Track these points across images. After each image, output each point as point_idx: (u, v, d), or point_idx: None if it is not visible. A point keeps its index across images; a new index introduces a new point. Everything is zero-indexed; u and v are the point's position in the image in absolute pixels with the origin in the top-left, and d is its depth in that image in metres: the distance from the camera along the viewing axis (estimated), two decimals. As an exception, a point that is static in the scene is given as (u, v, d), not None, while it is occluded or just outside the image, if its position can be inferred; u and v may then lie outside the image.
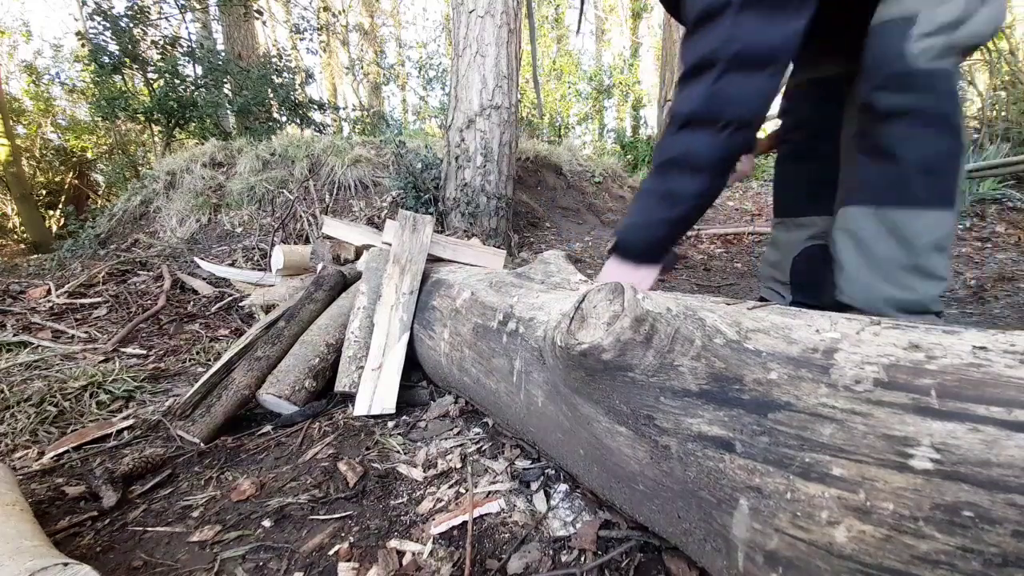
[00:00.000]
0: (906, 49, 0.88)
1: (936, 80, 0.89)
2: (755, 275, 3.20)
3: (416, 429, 1.12)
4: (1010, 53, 5.35)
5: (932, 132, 0.91)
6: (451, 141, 2.96)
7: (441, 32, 14.30)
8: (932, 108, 0.90)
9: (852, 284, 1.00)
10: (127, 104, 5.07)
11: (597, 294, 0.57)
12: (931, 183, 0.92)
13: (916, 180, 0.92)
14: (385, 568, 0.70)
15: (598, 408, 0.60)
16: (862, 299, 1.00)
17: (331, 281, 1.50)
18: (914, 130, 0.92)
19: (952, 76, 0.90)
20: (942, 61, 0.88)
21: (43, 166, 9.11)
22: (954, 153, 0.92)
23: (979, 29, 0.87)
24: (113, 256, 3.04)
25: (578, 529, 0.74)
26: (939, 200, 0.92)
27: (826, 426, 0.41)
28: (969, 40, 0.88)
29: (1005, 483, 0.32)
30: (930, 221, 0.93)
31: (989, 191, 4.07)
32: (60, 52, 12.08)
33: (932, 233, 0.93)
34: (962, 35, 0.87)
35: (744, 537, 0.45)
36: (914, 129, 0.92)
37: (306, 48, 7.94)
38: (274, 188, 3.38)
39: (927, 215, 0.92)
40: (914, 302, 0.96)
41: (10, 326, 1.85)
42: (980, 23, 0.87)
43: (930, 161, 0.92)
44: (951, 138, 0.91)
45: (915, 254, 0.94)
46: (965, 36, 0.87)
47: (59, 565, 0.54)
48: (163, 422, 1.20)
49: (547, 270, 1.02)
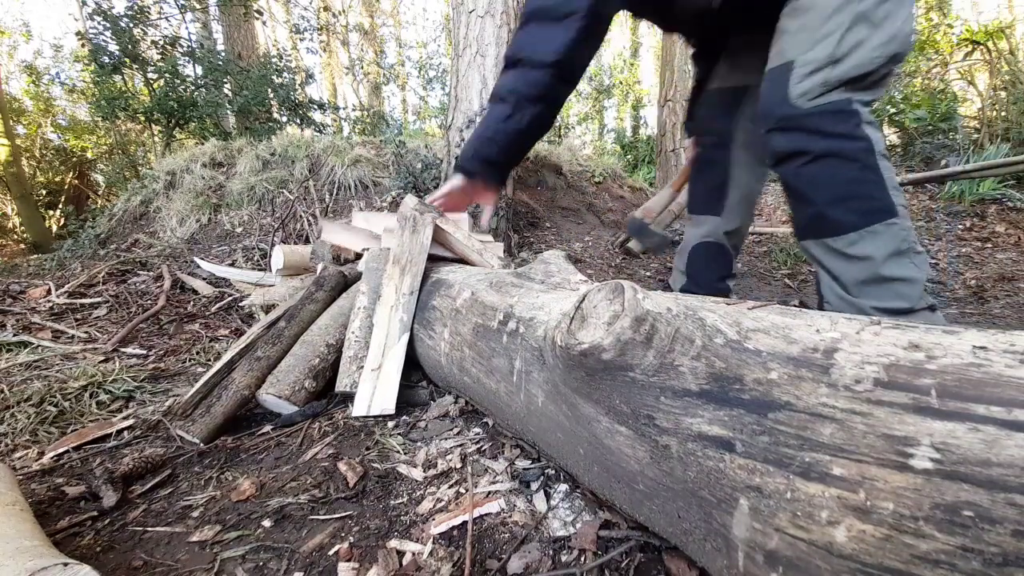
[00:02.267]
0: (788, 93, 0.96)
1: (822, 117, 0.95)
2: (755, 275, 3.20)
3: (416, 429, 1.12)
4: (1010, 53, 5.35)
5: (829, 167, 0.97)
6: (451, 141, 2.96)
7: (441, 32, 14.31)
8: (822, 146, 0.96)
9: (835, 298, 1.05)
10: (127, 104, 5.08)
11: (597, 294, 0.57)
12: (852, 207, 0.96)
13: (833, 211, 0.97)
14: (385, 568, 0.70)
15: (598, 408, 0.60)
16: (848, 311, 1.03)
17: (332, 281, 1.50)
18: (811, 169, 0.98)
19: (839, 110, 0.95)
20: (825, 98, 0.94)
21: (43, 166, 9.12)
22: (863, 176, 0.96)
23: (864, 59, 0.91)
24: (113, 256, 3.04)
25: (578, 529, 0.74)
26: (870, 218, 0.96)
27: (826, 426, 0.41)
28: (852, 72, 0.92)
29: (1005, 483, 0.32)
30: (872, 237, 0.96)
31: (989, 191, 4.07)
32: (60, 52, 12.09)
33: (879, 246, 0.96)
34: (842, 69, 0.92)
35: (744, 537, 0.45)
36: (811, 168, 0.98)
37: (306, 48, 7.96)
38: (274, 188, 3.38)
39: (863, 234, 0.96)
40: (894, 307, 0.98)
41: (10, 326, 1.85)
42: (863, 53, 0.91)
43: (838, 192, 0.97)
44: (852, 166, 0.95)
45: (874, 268, 0.97)
46: (847, 69, 0.92)
47: (59, 565, 0.54)
48: (163, 422, 1.19)
49: (547, 270, 1.02)
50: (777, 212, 5.00)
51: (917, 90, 5.79)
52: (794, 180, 1.03)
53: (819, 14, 0.93)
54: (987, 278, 2.75)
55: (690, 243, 1.51)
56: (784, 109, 0.98)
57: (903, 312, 0.98)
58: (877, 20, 0.91)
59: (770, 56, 1.02)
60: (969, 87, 5.77)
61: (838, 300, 1.05)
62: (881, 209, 0.96)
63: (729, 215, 1.43)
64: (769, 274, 3.27)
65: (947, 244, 3.58)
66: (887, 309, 0.98)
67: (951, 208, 4.13)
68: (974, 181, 4.11)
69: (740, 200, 1.41)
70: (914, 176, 4.19)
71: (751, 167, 1.38)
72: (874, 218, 0.96)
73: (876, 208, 0.96)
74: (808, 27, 0.95)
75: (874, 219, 0.96)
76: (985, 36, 5.37)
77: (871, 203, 0.96)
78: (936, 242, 3.63)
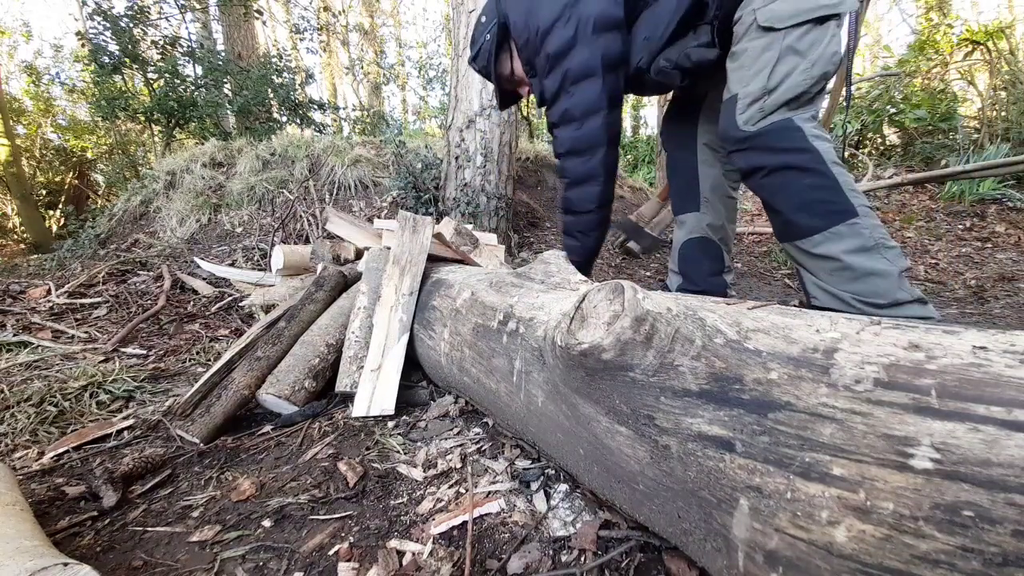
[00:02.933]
0: (736, 120, 1.12)
1: (769, 136, 1.09)
2: (755, 275, 3.20)
3: (416, 429, 1.12)
4: (1010, 53, 5.35)
5: (785, 178, 1.09)
6: (451, 141, 2.96)
7: (441, 32, 14.30)
8: (775, 160, 1.09)
9: (820, 293, 1.14)
10: (127, 104, 5.07)
11: (597, 294, 0.57)
12: (812, 212, 1.07)
13: (798, 216, 1.09)
14: (385, 568, 0.70)
15: (598, 408, 0.60)
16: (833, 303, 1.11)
17: (332, 281, 1.50)
18: (770, 180, 1.11)
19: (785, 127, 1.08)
20: (766, 120, 1.09)
21: (43, 166, 9.11)
22: (818, 183, 1.06)
23: (794, 82, 1.06)
24: (113, 256, 3.04)
25: (578, 529, 0.74)
26: (830, 219, 1.05)
27: (826, 426, 0.41)
28: (785, 96, 1.07)
29: (1005, 483, 0.32)
30: (836, 237, 1.05)
31: (989, 191, 4.08)
32: (60, 52, 12.08)
33: (843, 244, 1.05)
34: (776, 96, 1.07)
35: (744, 537, 0.45)
36: (770, 180, 1.11)
37: (306, 48, 7.94)
38: (274, 188, 3.37)
39: (827, 235, 1.06)
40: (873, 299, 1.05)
41: (10, 326, 1.85)
42: (793, 78, 1.06)
43: (799, 198, 1.08)
44: (805, 175, 1.06)
45: (843, 262, 1.05)
46: (779, 95, 1.07)
47: (59, 565, 0.54)
48: (163, 422, 1.19)
49: (547, 270, 1.02)
50: (777, 212, 4.99)
51: (917, 90, 5.78)
52: (759, 192, 1.16)
53: (751, 55, 1.10)
54: (987, 278, 2.75)
55: (679, 242, 1.61)
56: (736, 133, 1.13)
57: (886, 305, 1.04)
58: (803, 49, 1.05)
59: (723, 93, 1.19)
60: (969, 87, 5.76)
61: (822, 293, 1.12)
62: (841, 211, 1.05)
63: (707, 208, 1.53)
64: (769, 274, 3.27)
65: (947, 244, 3.58)
66: (868, 301, 1.05)
67: (951, 208, 4.13)
68: (974, 181, 4.11)
69: (711, 192, 1.53)
70: (914, 176, 4.18)
71: (715, 161, 1.51)
72: (835, 219, 1.05)
73: (835, 210, 1.05)
74: (744, 66, 1.11)
75: (835, 220, 1.05)
76: (985, 36, 5.36)
77: (830, 206, 1.06)
78: (936, 242, 3.62)
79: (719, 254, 1.56)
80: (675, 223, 1.65)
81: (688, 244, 1.57)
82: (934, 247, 3.53)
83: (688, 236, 1.57)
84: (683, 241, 1.58)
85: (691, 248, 1.56)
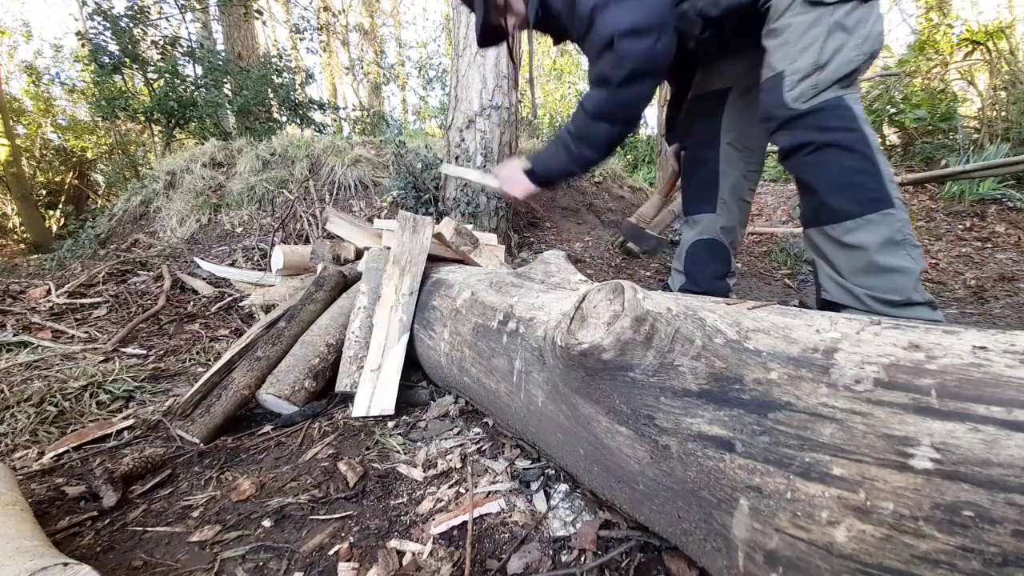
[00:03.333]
0: (784, 99, 1.08)
1: (817, 115, 1.05)
2: (755, 275, 3.20)
3: (416, 429, 1.12)
4: (1010, 53, 5.35)
5: (829, 155, 1.06)
6: (451, 141, 2.96)
7: (441, 32, 14.30)
8: (823, 138, 1.05)
9: (833, 285, 1.11)
10: (127, 104, 5.07)
11: (597, 294, 0.57)
12: (851, 195, 1.04)
13: (835, 198, 1.06)
14: (385, 568, 0.70)
15: (598, 408, 0.60)
16: (844, 297, 1.09)
17: (332, 281, 1.50)
18: (814, 158, 1.08)
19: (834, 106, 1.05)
20: (819, 98, 1.05)
21: (43, 166, 9.11)
22: (861, 166, 1.03)
23: (845, 59, 1.03)
24: (113, 256, 3.04)
25: (578, 529, 0.74)
26: (868, 207, 1.03)
27: (826, 426, 0.41)
28: (836, 73, 1.04)
29: (1005, 483, 0.32)
30: (868, 226, 1.03)
31: (989, 191, 4.07)
32: (60, 52, 12.08)
33: (874, 235, 1.02)
34: (828, 72, 1.04)
35: (744, 537, 0.45)
36: (813, 157, 1.08)
37: (306, 48, 7.94)
38: (274, 188, 3.37)
39: (861, 222, 1.03)
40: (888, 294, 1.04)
41: (10, 326, 1.85)
42: (844, 54, 1.03)
43: (840, 179, 1.05)
44: (851, 155, 1.04)
45: (868, 255, 1.03)
46: (831, 71, 1.04)
47: (59, 565, 0.54)
48: (163, 422, 1.19)
49: (547, 270, 1.02)
50: (777, 212, 5.00)
51: (917, 90, 5.78)
52: (799, 170, 1.12)
53: (796, 30, 1.06)
54: (987, 278, 2.75)
55: (687, 242, 1.56)
56: (784, 112, 1.09)
57: (898, 304, 1.02)
58: (850, 25, 1.02)
59: (763, 71, 1.14)
60: (969, 87, 5.76)
61: (835, 287, 1.10)
62: (878, 199, 1.02)
63: (723, 210, 1.49)
64: (769, 274, 3.27)
65: (947, 244, 3.58)
66: (882, 298, 1.03)
67: (951, 208, 4.13)
68: (974, 181, 4.11)
69: (731, 193, 1.48)
70: (914, 176, 4.18)
71: (737, 162, 1.47)
72: (871, 207, 1.02)
73: (873, 198, 1.03)
74: (789, 42, 1.07)
75: (871, 208, 1.02)
76: (985, 36, 5.36)
77: (868, 193, 1.03)
78: (936, 242, 3.62)
79: (727, 257, 1.53)
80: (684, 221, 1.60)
81: (698, 245, 1.53)
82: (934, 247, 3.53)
83: (699, 237, 1.52)
84: (693, 241, 1.54)
85: (700, 249, 1.53)
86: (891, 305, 1.02)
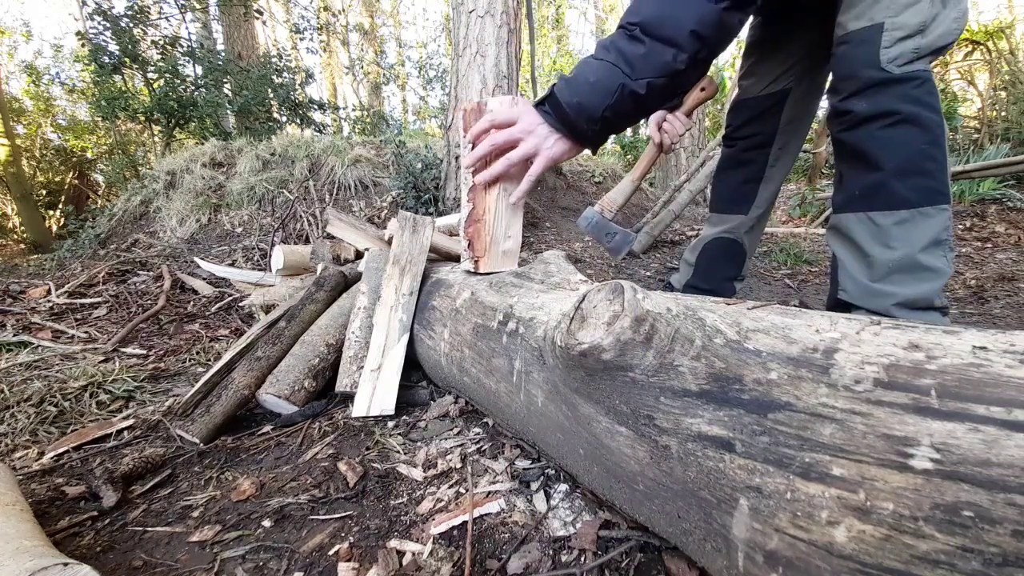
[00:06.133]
0: (879, 57, 0.93)
1: (908, 84, 0.93)
2: (755, 275, 3.20)
3: (416, 429, 1.12)
4: (1010, 53, 5.35)
5: (908, 133, 0.94)
6: (451, 141, 2.96)
7: (441, 32, 14.31)
8: (909, 110, 0.93)
9: (855, 284, 1.03)
10: (127, 104, 5.07)
11: (597, 294, 0.57)
12: (915, 183, 0.95)
13: (899, 182, 0.95)
14: (385, 568, 0.70)
15: (598, 408, 0.60)
16: (865, 299, 1.02)
17: (332, 281, 1.50)
18: (890, 132, 0.95)
19: (926, 80, 0.93)
20: (913, 65, 0.92)
21: (43, 166, 9.12)
22: (933, 153, 0.94)
23: (945, 30, 0.91)
24: (113, 256, 3.04)
25: (578, 529, 0.74)
26: (927, 198, 0.95)
27: (826, 426, 0.41)
28: (937, 43, 0.91)
29: (1005, 483, 0.32)
30: (921, 219, 0.95)
31: (989, 191, 4.07)
32: (60, 52, 12.09)
33: (926, 230, 0.95)
34: (930, 39, 0.91)
35: (744, 537, 0.45)
36: (890, 132, 0.95)
37: (306, 48, 7.95)
38: (274, 188, 3.37)
39: (915, 213, 0.95)
40: (916, 298, 0.97)
41: (10, 326, 1.85)
42: (944, 25, 0.91)
43: (911, 161, 0.95)
44: (928, 137, 0.94)
45: (912, 253, 0.96)
46: (933, 39, 0.91)
47: (59, 565, 0.54)
48: (163, 422, 1.19)
49: (547, 270, 1.02)
50: (777, 212, 5.00)
51: (917, 90, 5.77)
52: (867, 143, 0.98)
53: None
54: (987, 278, 2.75)
55: (707, 238, 1.51)
56: (874, 73, 0.94)
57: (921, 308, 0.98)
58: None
59: (845, 19, 0.97)
60: (969, 87, 5.76)
61: (856, 286, 1.02)
62: (939, 191, 0.95)
63: (754, 214, 1.45)
64: (769, 274, 3.27)
65: (947, 244, 3.56)
66: (906, 301, 0.97)
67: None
68: (974, 181, 4.11)
69: (767, 200, 1.45)
70: (914, 176, 4.17)
71: (782, 167, 1.41)
72: (930, 199, 0.95)
73: (936, 189, 0.95)
74: None
75: (930, 200, 0.95)
76: (985, 36, 5.36)
77: (932, 183, 0.95)
78: (936, 242, 3.61)
79: (742, 261, 1.50)
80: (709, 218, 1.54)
81: (716, 242, 1.48)
82: (934, 247, 3.52)
83: (720, 234, 1.47)
84: (713, 237, 1.49)
85: (718, 247, 1.48)
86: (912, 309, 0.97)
